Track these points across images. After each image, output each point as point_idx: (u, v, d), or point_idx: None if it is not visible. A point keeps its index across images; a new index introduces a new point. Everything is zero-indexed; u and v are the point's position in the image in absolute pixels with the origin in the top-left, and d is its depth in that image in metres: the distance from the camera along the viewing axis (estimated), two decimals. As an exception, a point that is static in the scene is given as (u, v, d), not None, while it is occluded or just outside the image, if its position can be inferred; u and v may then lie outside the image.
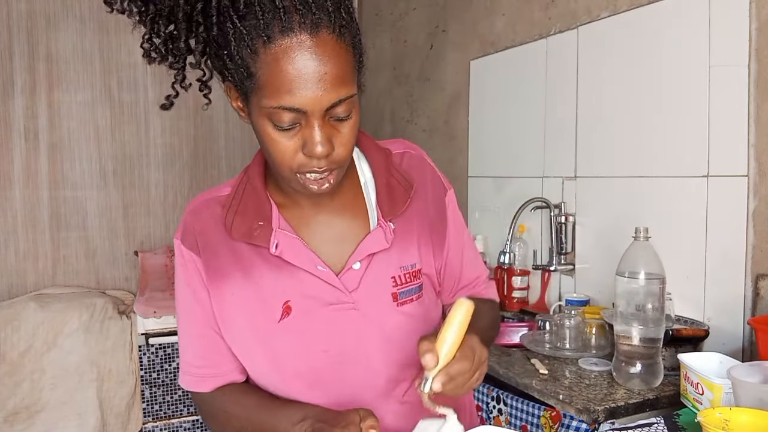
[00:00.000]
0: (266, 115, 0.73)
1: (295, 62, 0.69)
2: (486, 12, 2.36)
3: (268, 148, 0.76)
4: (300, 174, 0.77)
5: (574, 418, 1.27)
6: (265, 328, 0.85)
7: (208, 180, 2.99)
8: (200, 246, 0.87)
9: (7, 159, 2.62)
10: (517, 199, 2.08)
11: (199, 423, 2.44)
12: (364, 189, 0.91)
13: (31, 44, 2.63)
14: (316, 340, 0.85)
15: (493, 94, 2.35)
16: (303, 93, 0.70)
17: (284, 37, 0.69)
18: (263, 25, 0.69)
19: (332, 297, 0.85)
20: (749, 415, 0.87)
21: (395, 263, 0.87)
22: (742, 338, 1.43)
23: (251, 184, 0.88)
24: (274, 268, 0.85)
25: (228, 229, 0.85)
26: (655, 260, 1.28)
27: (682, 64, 1.56)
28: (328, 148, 0.74)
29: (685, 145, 1.56)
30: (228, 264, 0.86)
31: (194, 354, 0.91)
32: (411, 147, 0.96)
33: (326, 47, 0.71)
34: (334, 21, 0.71)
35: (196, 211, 0.90)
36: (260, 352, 0.87)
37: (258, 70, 0.71)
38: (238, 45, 0.71)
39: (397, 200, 0.88)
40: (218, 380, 0.91)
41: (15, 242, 2.65)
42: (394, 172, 0.90)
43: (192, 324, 0.91)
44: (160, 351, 2.37)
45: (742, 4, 1.40)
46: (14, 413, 2.23)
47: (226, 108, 3.08)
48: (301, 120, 0.73)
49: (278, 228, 0.84)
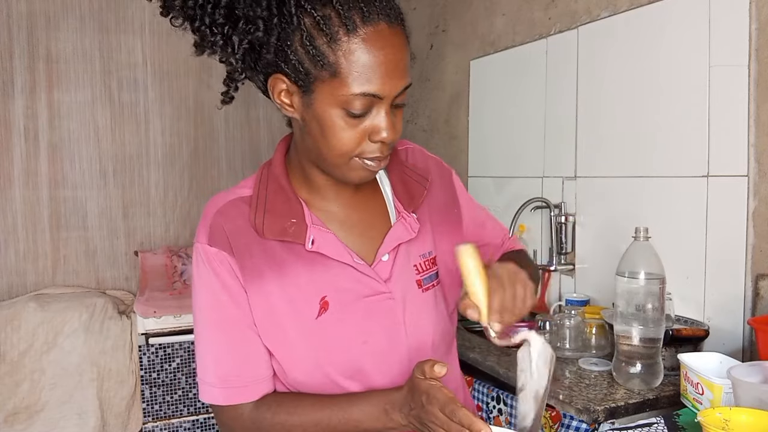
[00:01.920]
0: (339, 103, 0.75)
1: (378, 50, 0.73)
2: (486, 12, 2.36)
3: (330, 135, 0.77)
4: (359, 158, 0.80)
5: (574, 418, 1.27)
6: (305, 325, 0.85)
7: (208, 180, 2.99)
8: (233, 246, 0.85)
9: (7, 159, 2.62)
10: (517, 199, 2.09)
11: (200, 423, 2.44)
12: (380, 184, 0.95)
13: (31, 44, 2.63)
14: (356, 333, 0.87)
15: (493, 94, 2.35)
16: (382, 80, 0.74)
17: (366, 26, 0.73)
18: (344, 15, 0.72)
19: (368, 289, 0.87)
20: (749, 415, 0.87)
21: (415, 252, 0.91)
22: (742, 338, 1.43)
23: (276, 183, 0.89)
24: (308, 265, 0.85)
25: (259, 229, 0.85)
26: (655, 260, 1.28)
27: (682, 64, 1.56)
28: (393, 133, 0.79)
29: (685, 145, 1.56)
30: (261, 264, 0.85)
31: (232, 361, 0.86)
32: (408, 143, 1.01)
33: (399, 37, 0.76)
34: (399, 13, 0.77)
35: (223, 212, 0.88)
36: (302, 350, 0.86)
37: (338, 59, 0.73)
38: (312, 34, 0.73)
39: (414, 193, 0.93)
40: (258, 389, 0.87)
41: (15, 242, 2.65)
42: (404, 168, 0.95)
43: (227, 329, 0.86)
44: (160, 351, 2.37)
45: (742, 4, 1.40)
46: (14, 413, 2.22)
47: (226, 108, 3.07)
48: (373, 107, 0.76)
49: (312, 224, 0.86)
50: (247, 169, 3.07)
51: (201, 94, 2.94)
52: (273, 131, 3.11)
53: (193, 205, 2.97)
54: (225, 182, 3.03)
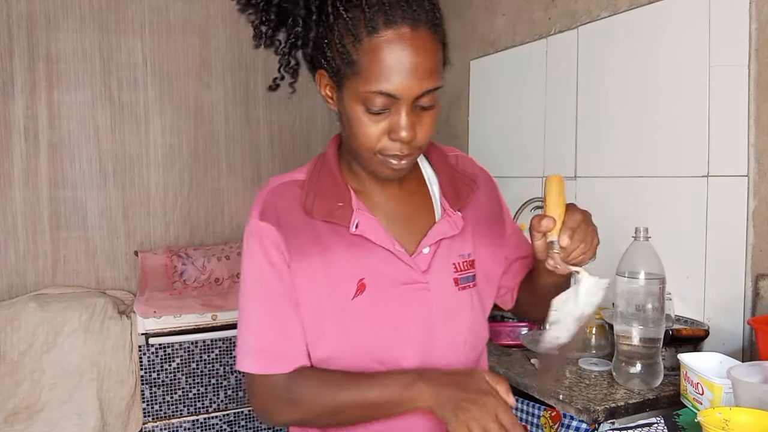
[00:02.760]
0: (361, 99, 0.80)
1: (395, 52, 0.77)
2: (486, 12, 2.36)
3: (356, 130, 0.83)
4: (381, 155, 0.84)
5: (574, 418, 1.27)
6: (340, 305, 0.89)
7: (208, 180, 2.99)
8: (281, 223, 0.91)
9: (7, 159, 2.62)
10: (518, 199, 2.09)
11: (200, 423, 2.44)
12: (428, 182, 0.99)
13: (31, 44, 2.63)
14: (387, 318, 0.90)
15: (493, 94, 2.35)
16: (399, 81, 0.78)
17: (387, 29, 0.77)
18: (369, 17, 0.77)
19: (406, 277, 0.90)
20: (749, 415, 0.87)
21: (456, 251, 0.95)
22: (742, 338, 1.43)
23: (327, 170, 0.94)
24: (351, 247, 0.90)
25: (308, 209, 0.90)
26: (655, 260, 1.28)
27: (682, 64, 1.56)
28: (412, 134, 0.82)
29: (685, 145, 1.56)
30: (308, 243, 0.90)
31: (271, 332, 0.89)
32: (459, 151, 1.07)
33: (423, 41, 0.78)
34: (430, 18, 0.80)
35: (277, 192, 0.94)
36: (333, 328, 0.89)
37: (360, 57, 0.78)
38: (342, 34, 0.79)
39: (461, 192, 0.97)
40: (294, 361, 0.89)
41: (15, 242, 2.65)
42: (453, 170, 1.00)
43: (270, 301, 0.90)
44: (160, 351, 2.37)
45: (742, 4, 1.40)
46: (14, 413, 2.22)
47: (226, 108, 3.09)
48: (392, 106, 0.80)
49: (357, 208, 0.90)
50: (247, 169, 3.07)
51: (201, 94, 2.94)
52: (273, 131, 3.11)
53: (193, 205, 2.97)
54: (225, 182, 3.03)
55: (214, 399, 2.46)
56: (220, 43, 2.93)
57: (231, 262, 2.80)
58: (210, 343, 2.44)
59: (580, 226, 0.83)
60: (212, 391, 2.45)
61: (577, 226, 0.83)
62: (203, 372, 2.43)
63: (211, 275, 2.77)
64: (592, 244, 0.85)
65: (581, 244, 0.83)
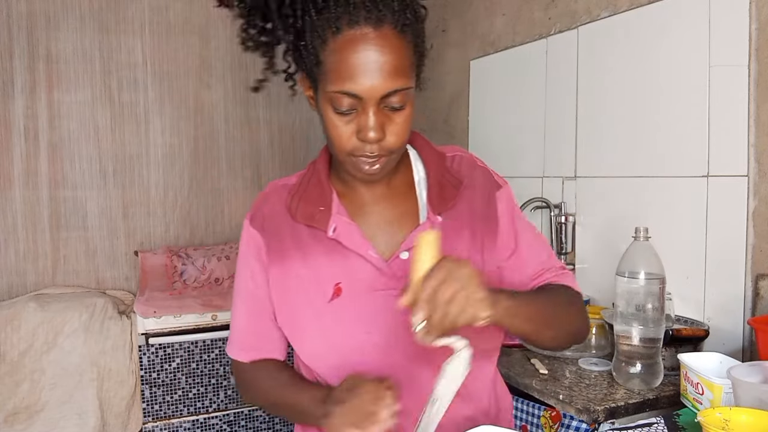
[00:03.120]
0: (329, 99, 0.81)
1: (357, 52, 0.78)
2: (486, 12, 2.36)
3: (328, 130, 0.84)
4: (353, 156, 0.84)
5: (574, 418, 1.27)
6: (317, 307, 0.91)
7: (208, 180, 2.99)
8: (266, 228, 0.95)
9: (7, 159, 2.62)
10: (518, 198, 2.07)
11: (200, 423, 2.44)
12: (417, 186, 0.97)
13: (31, 44, 2.63)
14: (360, 322, 0.90)
15: (493, 94, 2.35)
16: (361, 80, 0.78)
17: (350, 29, 0.78)
18: (334, 18, 0.78)
19: (380, 283, 0.90)
20: (749, 415, 0.87)
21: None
22: (742, 338, 1.43)
23: (316, 174, 0.96)
24: (329, 251, 0.91)
25: (292, 212, 0.93)
26: (655, 260, 1.28)
27: (682, 64, 1.56)
28: (380, 134, 0.81)
29: (685, 145, 1.56)
30: (290, 246, 0.93)
31: (242, 326, 1.00)
32: (463, 151, 1.03)
33: (387, 40, 0.78)
34: (398, 19, 0.79)
35: (266, 196, 0.99)
36: (311, 329, 0.92)
37: (325, 58, 0.79)
38: (311, 35, 0.80)
39: (446, 196, 0.94)
40: (259, 353, 0.99)
41: (15, 242, 2.65)
42: (445, 172, 0.97)
43: (244, 298, 0.99)
44: (160, 351, 2.37)
45: (742, 4, 1.40)
46: (14, 413, 2.22)
47: (226, 108, 3.09)
48: (358, 106, 0.80)
49: (336, 213, 0.91)
50: (246, 168, 3.07)
51: (201, 94, 2.94)
52: (273, 131, 3.11)
53: (193, 205, 2.97)
54: (225, 182, 3.03)
55: (214, 399, 2.46)
56: (220, 43, 2.93)
57: (231, 262, 2.80)
58: (210, 343, 2.44)
59: (438, 297, 0.71)
60: (212, 391, 2.45)
61: (430, 299, 0.72)
62: (203, 372, 2.43)
63: (211, 275, 2.77)
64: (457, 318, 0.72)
65: (445, 321, 0.72)
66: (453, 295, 0.72)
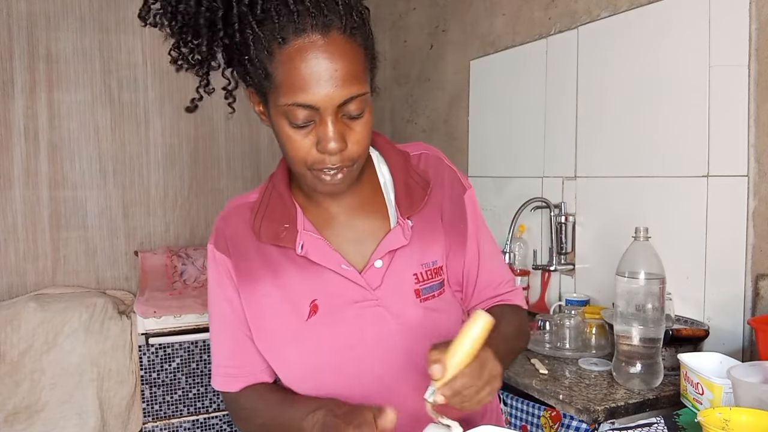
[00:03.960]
0: (282, 113, 0.77)
1: (307, 61, 0.74)
2: (486, 12, 2.36)
3: (285, 145, 0.80)
4: (313, 170, 0.80)
5: (574, 418, 1.27)
6: (295, 327, 0.88)
7: (208, 180, 2.99)
8: (231, 249, 0.91)
9: (7, 159, 2.62)
10: (517, 199, 2.09)
11: (200, 423, 2.44)
12: (384, 189, 0.94)
13: (31, 44, 2.63)
14: (342, 337, 0.88)
15: (493, 94, 2.35)
16: (315, 90, 0.74)
17: (297, 38, 0.74)
18: (278, 28, 0.74)
19: (357, 295, 0.87)
20: (749, 415, 0.87)
21: (416, 260, 0.90)
22: (742, 338, 1.43)
23: (276, 190, 0.92)
24: (301, 269, 0.88)
25: (256, 232, 0.89)
26: (655, 260, 1.28)
27: (682, 64, 1.56)
28: (341, 144, 0.78)
29: (685, 145, 1.56)
30: (258, 266, 0.89)
31: (225, 355, 0.95)
32: (428, 148, 0.99)
33: (337, 47, 0.75)
34: (345, 23, 0.75)
35: (226, 217, 0.94)
36: (290, 350, 0.89)
37: (274, 70, 0.75)
38: (256, 48, 0.76)
39: (414, 198, 0.91)
40: (246, 380, 0.94)
41: (15, 242, 2.65)
42: (412, 173, 0.93)
43: (223, 325, 0.94)
44: (160, 351, 2.37)
45: (742, 4, 1.40)
46: (14, 413, 2.22)
47: (226, 108, 3.08)
48: (315, 117, 0.77)
49: (303, 229, 0.88)
50: (246, 169, 3.07)
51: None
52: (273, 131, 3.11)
53: (193, 205, 2.97)
54: (225, 182, 3.03)
55: (214, 399, 2.46)
56: (220, 43, 2.93)
57: (231, 262, 2.79)
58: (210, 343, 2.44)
59: (466, 392, 0.72)
60: (212, 391, 2.45)
61: (462, 390, 0.72)
62: (203, 372, 2.43)
63: (211, 275, 2.77)
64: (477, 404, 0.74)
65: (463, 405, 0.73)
66: (478, 392, 0.73)
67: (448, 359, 0.72)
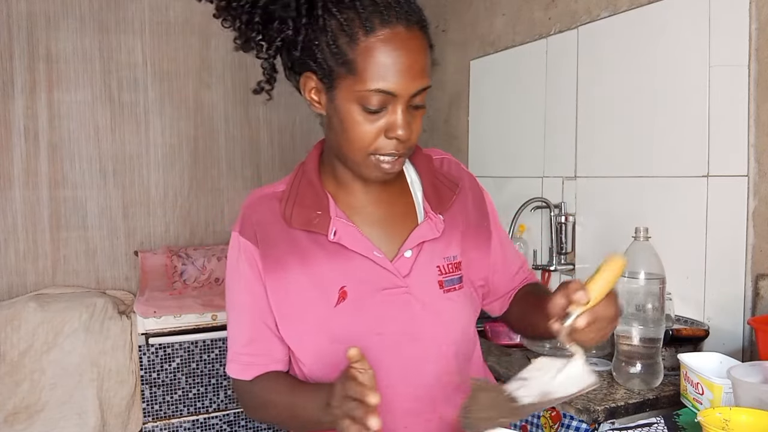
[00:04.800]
0: (357, 99, 0.81)
1: (393, 51, 0.79)
2: (486, 12, 2.36)
3: (350, 130, 0.83)
4: (374, 155, 0.84)
5: (574, 418, 1.27)
6: (322, 313, 0.90)
7: (208, 180, 2.99)
8: (258, 237, 0.93)
9: (7, 159, 2.62)
10: (517, 198, 2.09)
11: (200, 423, 2.44)
12: (411, 187, 0.99)
13: (31, 44, 2.63)
14: (371, 324, 0.90)
15: (493, 94, 2.35)
16: (396, 78, 0.79)
17: (384, 28, 0.79)
18: (364, 17, 0.79)
19: (387, 282, 0.90)
20: (749, 415, 0.87)
21: (439, 254, 0.94)
22: (742, 338, 1.43)
23: (307, 179, 0.95)
24: (331, 255, 0.90)
25: (287, 219, 0.92)
26: (655, 260, 1.28)
27: (682, 64, 1.56)
28: (408, 132, 0.83)
29: (685, 145, 1.56)
30: (286, 253, 0.91)
31: (242, 342, 0.96)
32: (446, 154, 1.06)
33: (416, 40, 0.81)
34: (421, 19, 0.82)
35: (253, 205, 0.96)
36: (316, 337, 0.91)
37: (356, 57, 0.79)
38: (336, 34, 0.80)
39: (443, 196, 0.97)
40: (260, 368, 0.95)
41: (15, 242, 2.65)
42: (437, 174, 1.00)
43: (242, 312, 0.95)
44: (160, 351, 2.37)
45: (742, 4, 1.40)
46: (14, 413, 2.22)
47: (226, 108, 3.09)
48: (389, 104, 0.81)
49: (335, 216, 0.91)
50: (246, 168, 3.07)
51: (201, 94, 2.94)
52: (273, 131, 3.11)
53: (193, 205, 2.97)
54: (225, 182, 3.03)
55: (214, 399, 2.46)
56: (220, 43, 2.92)
57: (231, 262, 2.79)
58: (210, 343, 2.44)
59: (605, 319, 0.79)
60: (212, 391, 2.45)
61: (601, 319, 0.79)
62: (203, 372, 2.43)
63: (211, 275, 2.77)
64: (602, 337, 0.82)
65: (593, 335, 0.80)
66: (610, 322, 0.80)
67: (591, 288, 0.77)
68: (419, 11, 0.82)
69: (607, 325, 0.80)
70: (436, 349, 0.93)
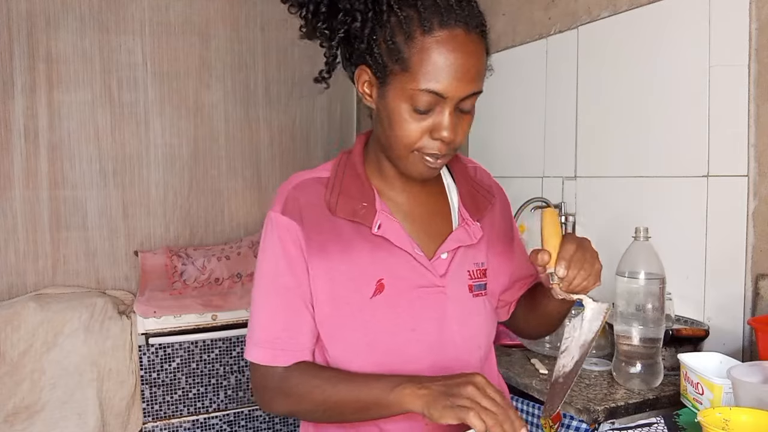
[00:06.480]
0: (407, 96, 0.81)
1: (449, 53, 0.79)
2: (486, 12, 2.34)
3: (396, 127, 0.84)
4: (417, 152, 0.85)
5: (574, 418, 1.27)
6: (357, 303, 0.90)
7: (208, 180, 2.99)
8: (304, 218, 0.91)
9: (7, 159, 2.62)
10: (517, 199, 2.08)
11: (200, 423, 2.44)
12: (448, 191, 1.01)
13: (31, 44, 2.63)
14: (405, 319, 0.91)
15: (493, 94, 2.34)
16: (448, 81, 0.79)
17: (443, 29, 0.79)
18: (424, 17, 0.79)
19: (424, 280, 0.92)
20: (749, 415, 0.87)
21: (471, 259, 0.97)
22: (742, 338, 1.43)
23: (352, 169, 0.95)
24: (373, 247, 0.91)
25: (332, 207, 0.91)
26: (655, 260, 1.28)
27: (682, 64, 1.56)
28: (453, 134, 0.83)
29: (685, 145, 1.56)
30: (329, 240, 0.91)
31: (277, 325, 0.91)
32: (477, 163, 1.09)
33: (474, 44, 0.81)
34: (481, 23, 0.83)
35: (301, 187, 0.94)
36: (349, 326, 0.91)
37: (411, 55, 0.79)
38: (394, 31, 0.80)
39: (479, 204, 1.00)
40: (296, 355, 0.91)
41: (15, 242, 2.65)
42: (472, 182, 1.02)
43: (279, 295, 0.91)
44: (160, 351, 2.37)
45: (742, 4, 1.40)
46: (14, 413, 2.22)
47: (226, 108, 3.09)
48: (437, 105, 0.82)
49: (380, 209, 0.91)
50: (246, 168, 3.07)
51: (201, 94, 2.94)
52: (273, 131, 3.11)
53: (193, 205, 2.97)
54: (225, 182, 3.03)
55: (214, 399, 2.46)
56: (220, 43, 2.92)
57: (231, 262, 2.80)
58: (210, 343, 2.44)
59: (575, 254, 0.83)
60: (212, 391, 2.45)
61: (571, 255, 0.83)
62: (203, 372, 2.43)
63: (211, 275, 2.77)
64: (592, 270, 0.85)
65: (580, 272, 0.83)
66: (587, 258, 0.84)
67: (547, 246, 0.84)
68: (480, 15, 0.83)
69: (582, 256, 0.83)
70: (461, 349, 0.95)
